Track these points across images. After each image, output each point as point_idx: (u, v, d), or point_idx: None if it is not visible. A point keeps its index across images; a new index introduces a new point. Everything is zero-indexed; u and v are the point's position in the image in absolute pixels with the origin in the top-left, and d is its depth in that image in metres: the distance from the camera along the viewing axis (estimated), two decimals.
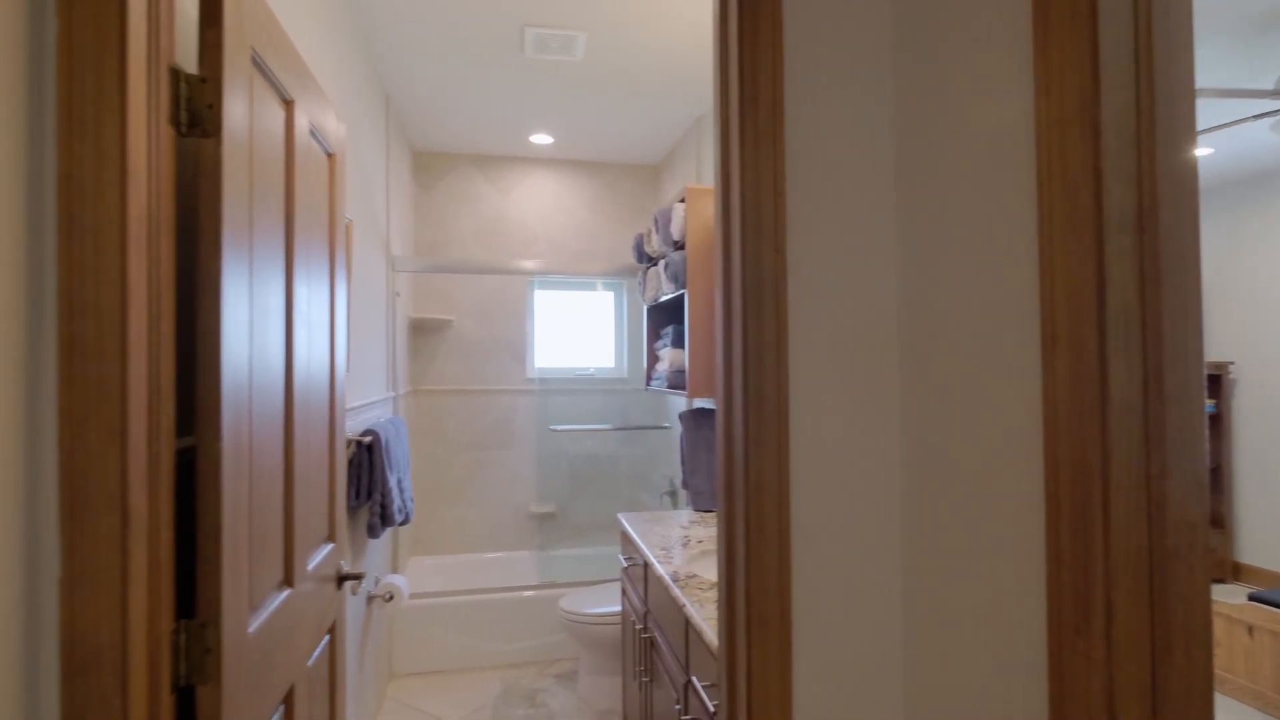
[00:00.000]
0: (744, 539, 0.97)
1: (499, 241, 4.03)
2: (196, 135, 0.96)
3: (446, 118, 3.43)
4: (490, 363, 3.97)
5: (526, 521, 3.98)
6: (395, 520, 2.33)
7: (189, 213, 1.07)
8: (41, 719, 0.78)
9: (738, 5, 1.00)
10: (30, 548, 0.77)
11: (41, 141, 0.79)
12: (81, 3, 0.79)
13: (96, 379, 0.80)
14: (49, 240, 0.79)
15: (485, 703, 2.86)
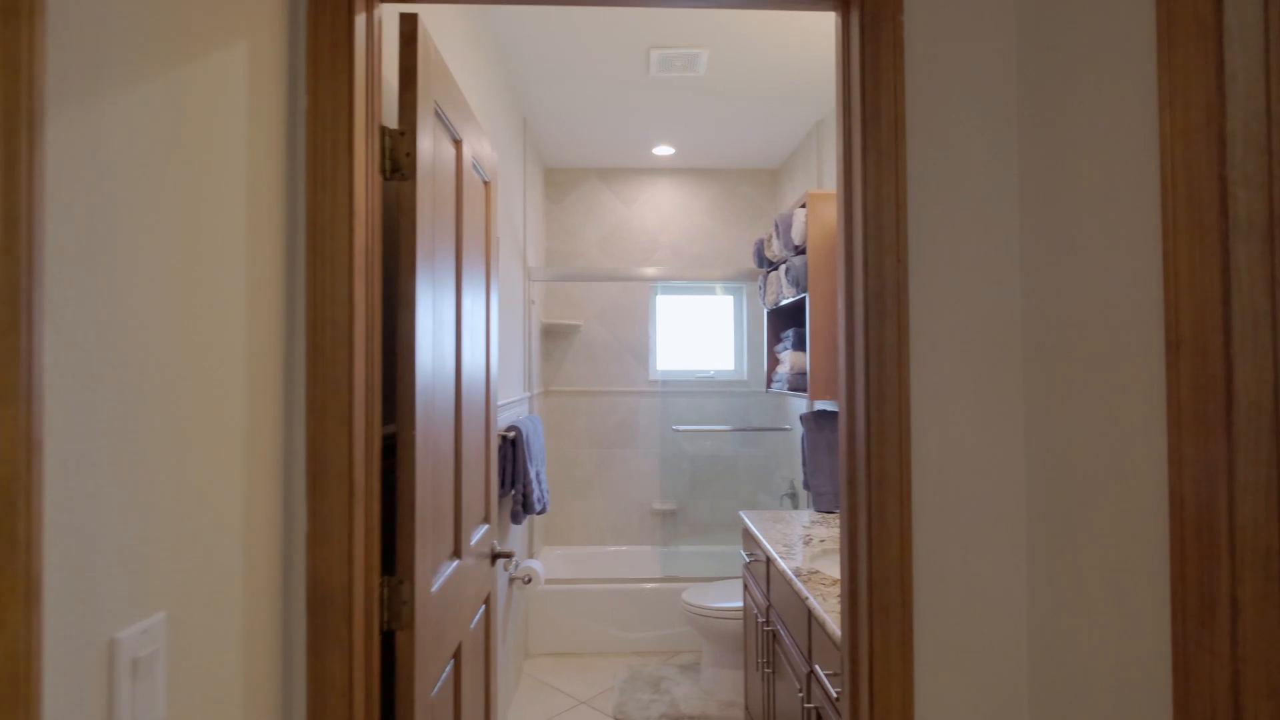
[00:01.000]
0: (866, 530, 1.04)
1: (623, 249, 4.23)
2: (397, 179, 1.16)
3: (576, 136, 3.66)
4: (615, 365, 4.17)
5: (649, 518, 4.14)
6: (535, 509, 2.55)
7: (388, 240, 1.29)
8: (293, 643, 1.00)
9: (859, 33, 1.07)
10: (285, 510, 0.99)
11: (295, 191, 1.01)
12: (324, 82, 1.01)
13: (332, 379, 1.01)
14: (299, 269, 1.01)
15: (612, 685, 3.04)
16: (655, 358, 4.23)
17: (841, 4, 1.13)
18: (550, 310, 4.19)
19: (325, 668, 1.00)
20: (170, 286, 0.73)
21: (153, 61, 0.70)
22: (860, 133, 1.05)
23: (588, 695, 2.96)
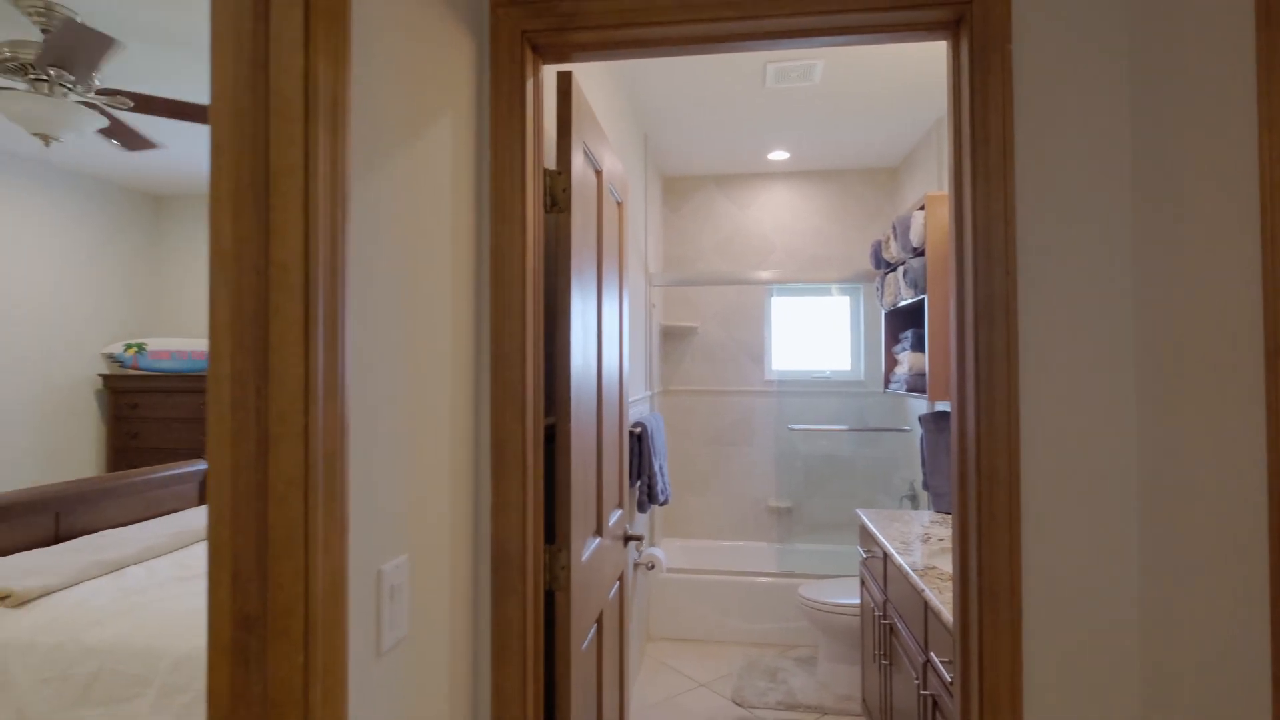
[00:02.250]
0: (975, 521, 1.13)
1: (738, 253, 4.35)
2: (555, 211, 1.38)
3: (693, 146, 3.83)
4: (731, 365, 4.30)
5: (764, 515, 4.24)
6: (659, 499, 2.74)
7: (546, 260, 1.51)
8: (481, 591, 1.24)
9: (969, 60, 1.16)
10: (475, 487, 1.23)
11: (482, 226, 1.25)
12: (503, 136, 1.23)
13: (510, 381, 1.23)
14: (485, 289, 1.24)
15: (730, 671, 3.19)
16: (771, 358, 4.32)
17: (952, 33, 1.22)
18: (669, 313, 4.39)
19: (506, 613, 1.23)
20: (409, 309, 0.97)
21: (400, 138, 0.94)
22: (970, 154, 1.15)
23: (706, 679, 3.12)
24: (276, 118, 0.74)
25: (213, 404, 0.74)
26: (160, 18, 2.43)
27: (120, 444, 4.52)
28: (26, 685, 1.95)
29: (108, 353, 4.59)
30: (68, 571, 2.31)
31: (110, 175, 4.46)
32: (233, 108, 0.75)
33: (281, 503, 0.73)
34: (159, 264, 4.99)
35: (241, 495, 0.74)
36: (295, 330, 0.74)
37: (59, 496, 2.79)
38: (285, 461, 0.74)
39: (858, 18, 1.18)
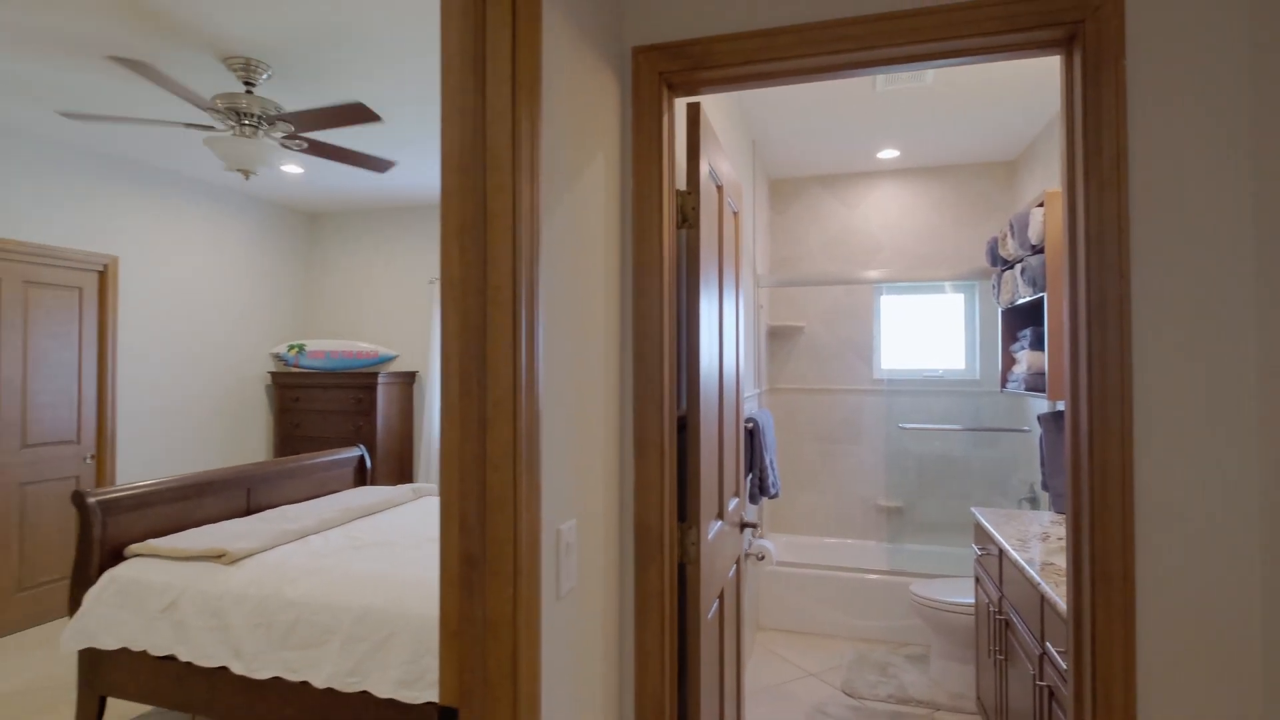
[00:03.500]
0: (1088, 509, 1.19)
1: (845, 252, 4.37)
2: (685, 228, 1.56)
3: (800, 150, 3.91)
4: (838, 364, 4.33)
5: (872, 513, 4.24)
6: (770, 492, 2.87)
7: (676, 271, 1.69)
8: (625, 560, 1.43)
9: (1082, 73, 1.22)
10: (621, 469, 1.42)
11: (624, 242, 1.44)
12: (642, 165, 1.42)
13: (649, 377, 1.42)
14: (629, 299, 1.44)
15: (839, 663, 3.25)
16: (879, 357, 4.31)
17: (1065, 49, 1.29)
18: (775, 313, 4.47)
19: (647, 579, 1.41)
20: (575, 318, 1.18)
21: (569, 176, 1.14)
22: (1083, 163, 1.21)
23: (815, 669, 3.20)
24: (491, 171, 0.96)
25: (445, 394, 0.97)
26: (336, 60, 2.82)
27: (285, 432, 5.15)
28: (241, 628, 2.36)
29: (274, 352, 5.25)
30: (265, 538, 2.74)
31: (273, 196, 5.10)
32: (458, 164, 0.97)
33: (497, 469, 0.95)
34: (313, 273, 5.63)
35: (467, 463, 0.96)
36: (506, 337, 0.95)
37: (250, 475, 3.28)
38: (499, 438, 0.95)
39: (970, 42, 1.27)
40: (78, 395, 3.99)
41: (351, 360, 5.12)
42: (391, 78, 2.93)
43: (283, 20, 2.45)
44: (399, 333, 5.40)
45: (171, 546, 2.63)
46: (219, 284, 4.81)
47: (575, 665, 1.17)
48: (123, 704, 2.88)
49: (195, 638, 2.40)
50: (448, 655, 0.96)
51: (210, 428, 4.75)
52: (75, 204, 3.92)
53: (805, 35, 1.33)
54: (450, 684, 0.96)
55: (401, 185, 4.74)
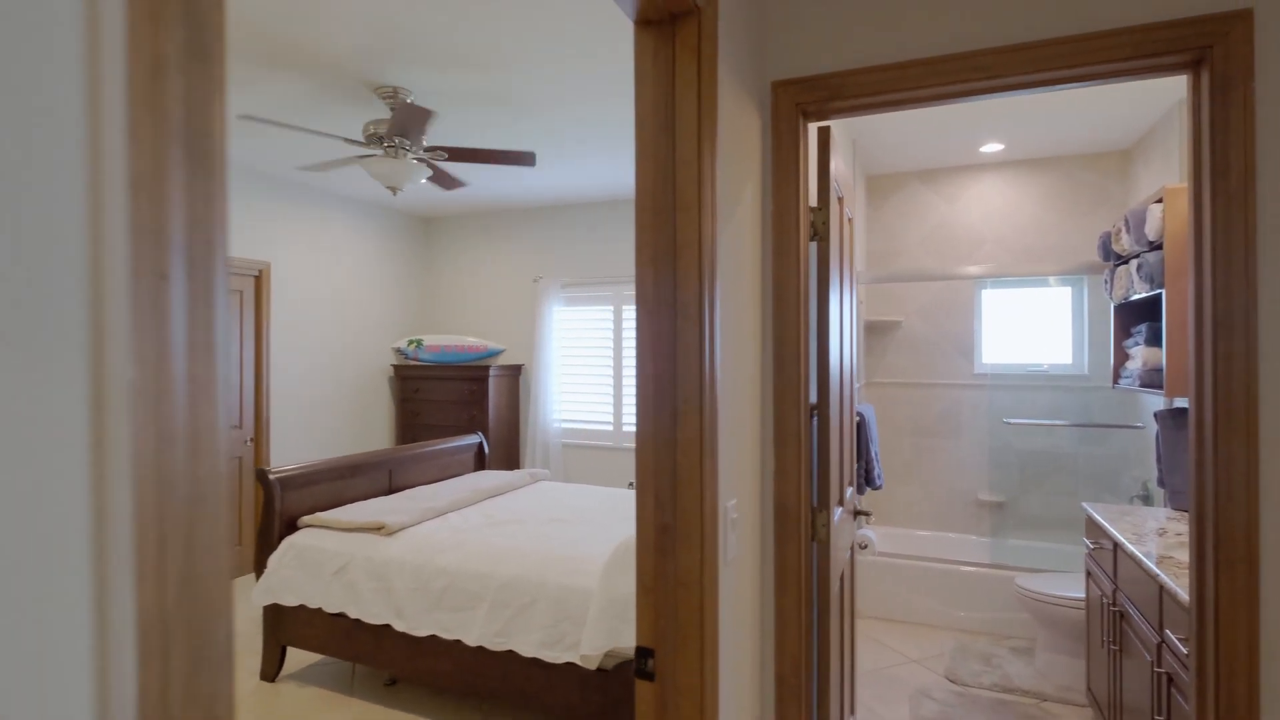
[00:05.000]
0: (1213, 499, 1.29)
1: (945, 247, 4.37)
2: (815, 240, 1.72)
3: (899, 146, 3.95)
4: (937, 358, 4.35)
5: (972, 508, 4.25)
6: (875, 484, 2.98)
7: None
8: (766, 537, 1.62)
9: (1209, 94, 1.31)
10: (763, 455, 1.61)
11: (765, 255, 1.62)
12: (781, 186, 1.60)
13: (787, 375, 1.60)
14: (768, 306, 1.62)
15: (941, 652, 3.33)
16: (980, 351, 4.30)
17: (1192, 70, 1.37)
18: (871, 308, 4.53)
19: (785, 554, 1.60)
20: (734, 325, 1.37)
21: (730, 204, 1.33)
22: (1210, 181, 1.30)
23: (917, 656, 3.30)
24: (680, 211, 1.16)
25: (640, 392, 1.19)
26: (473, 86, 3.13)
27: (406, 421, 5.63)
28: (402, 592, 2.70)
29: (396, 347, 5.73)
30: (414, 513, 3.10)
31: (394, 204, 5.55)
32: (652, 205, 1.18)
33: (686, 454, 1.16)
34: (429, 273, 6.08)
35: (661, 448, 1.17)
36: (694, 344, 1.16)
37: (392, 458, 3.67)
38: (688, 428, 1.16)
39: (1098, 68, 1.38)
40: (239, 386, 4.54)
41: (464, 354, 5.52)
42: (517, 102, 3.21)
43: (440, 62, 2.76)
44: (506, 328, 5.78)
45: (338, 519, 3.02)
46: (350, 284, 5.31)
47: (734, 621, 1.38)
48: (300, 653, 3.32)
49: (363, 598, 2.77)
50: (644, 606, 1.18)
51: (343, 415, 5.26)
52: (238, 215, 4.45)
53: (937, 67, 1.47)
54: (647, 629, 1.18)
55: (508, 192, 5.07)
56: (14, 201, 0.29)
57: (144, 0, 0.32)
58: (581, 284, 5.43)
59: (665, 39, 1.17)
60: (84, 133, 0.30)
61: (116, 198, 0.31)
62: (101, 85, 0.31)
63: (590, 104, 3.30)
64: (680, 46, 1.17)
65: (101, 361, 0.31)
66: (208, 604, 0.35)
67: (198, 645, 0.35)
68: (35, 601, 0.30)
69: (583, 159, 4.24)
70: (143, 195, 0.32)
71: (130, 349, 0.32)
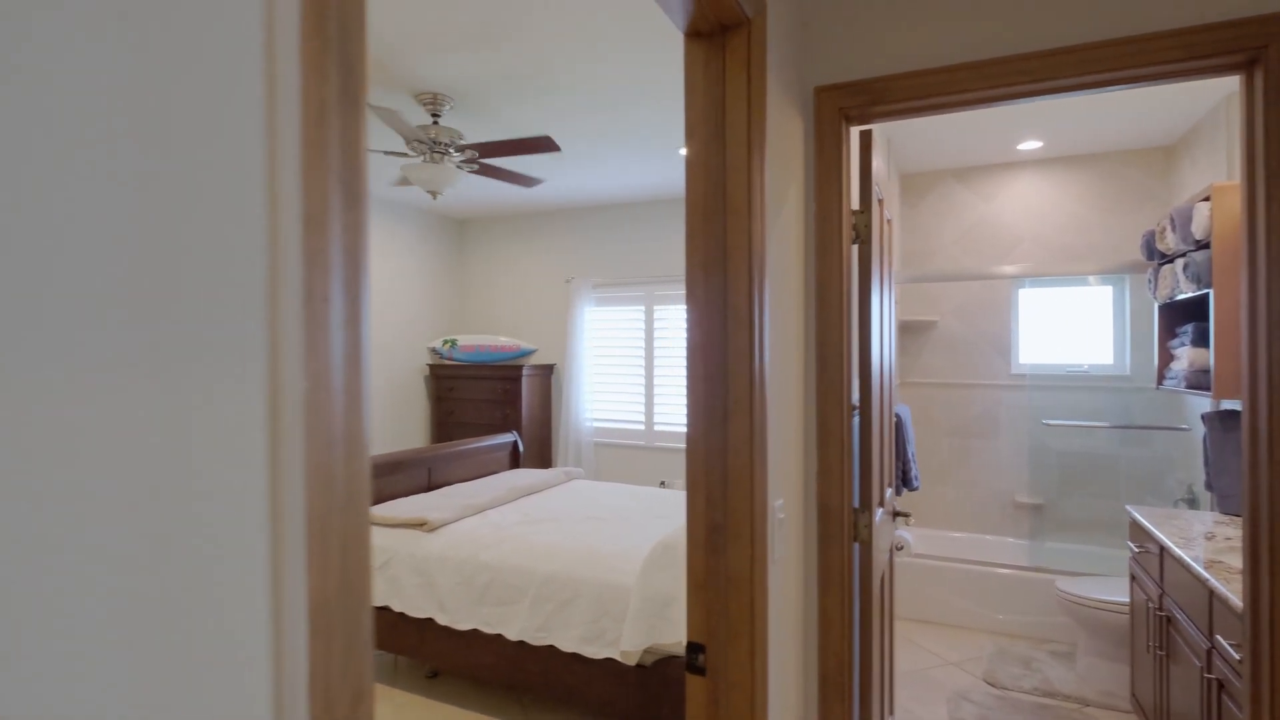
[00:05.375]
0: (1268, 503, 1.28)
1: (981, 246, 4.32)
2: (857, 244, 1.74)
3: (934, 144, 3.92)
4: (973, 358, 4.30)
5: (1010, 509, 4.20)
6: (912, 485, 2.98)
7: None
8: (810, 534, 1.64)
9: (1264, 94, 1.30)
10: (805, 456, 1.63)
11: (808, 259, 1.64)
12: (823, 191, 1.62)
13: (829, 377, 1.62)
14: (811, 307, 1.64)
15: (979, 655, 3.31)
16: (1018, 351, 4.24)
17: (1245, 69, 1.35)
18: (906, 307, 4.50)
19: (829, 554, 1.62)
20: (781, 327, 1.40)
21: (776, 208, 1.36)
22: (1265, 182, 1.29)
23: (955, 659, 3.28)
24: (730, 215, 1.19)
25: (691, 392, 1.22)
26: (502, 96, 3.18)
27: (441, 419, 5.73)
28: (445, 587, 2.77)
29: (431, 346, 5.84)
30: (454, 510, 3.17)
31: (430, 206, 5.65)
32: (703, 210, 1.21)
33: (735, 454, 1.19)
34: (462, 273, 6.18)
35: (712, 449, 1.20)
36: (744, 347, 1.18)
37: (430, 456, 3.75)
38: (738, 428, 1.19)
39: (1146, 70, 1.37)
40: None
41: (497, 354, 5.61)
42: (550, 107, 3.26)
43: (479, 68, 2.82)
44: (538, 328, 5.85)
45: (381, 514, 3.10)
46: (388, 286, 5.43)
47: (781, 619, 1.40)
48: None
49: (406, 592, 2.85)
50: (695, 602, 1.21)
51: (381, 414, 5.38)
52: None
53: (983, 71, 1.47)
54: (698, 625, 1.21)
55: (540, 194, 5.14)
56: (210, 238, 0.34)
57: (311, 53, 0.36)
58: (613, 284, 5.48)
59: (715, 50, 1.20)
60: (264, 175, 0.35)
61: (291, 232, 0.35)
62: (278, 132, 0.35)
63: (622, 107, 3.33)
64: (730, 57, 1.19)
65: (279, 376, 0.35)
66: (359, 592, 0.39)
67: (351, 629, 0.39)
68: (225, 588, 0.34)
69: (613, 161, 4.28)
70: (312, 229, 0.36)
71: (302, 365, 0.36)
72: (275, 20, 0.35)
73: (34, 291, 0.31)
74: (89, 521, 0.32)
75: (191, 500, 0.33)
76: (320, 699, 0.36)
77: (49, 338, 0.31)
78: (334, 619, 0.38)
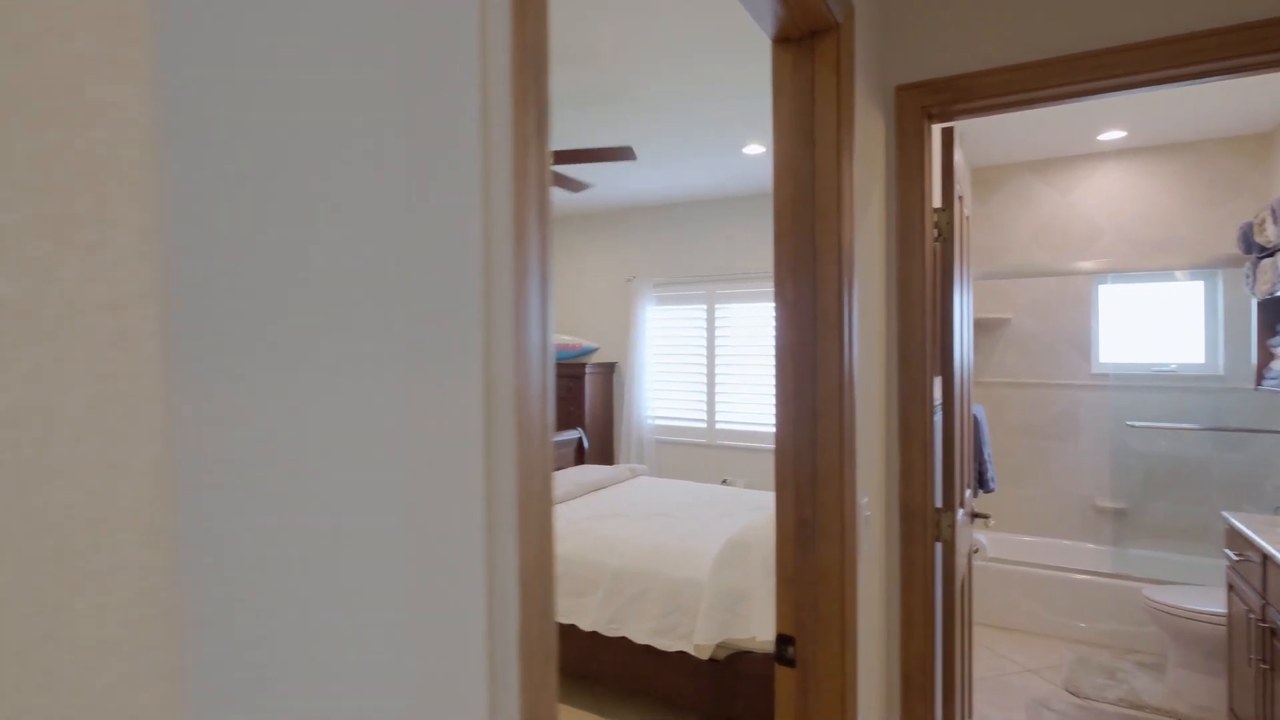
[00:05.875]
0: None
1: (1058, 240, 4.17)
2: (939, 241, 1.73)
3: (1007, 136, 3.80)
4: (1050, 357, 4.16)
5: (1090, 514, 4.04)
6: (988, 487, 2.91)
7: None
8: (891, 533, 1.64)
9: None
10: (888, 456, 1.64)
11: (891, 258, 1.64)
12: (905, 189, 1.61)
13: (912, 376, 1.62)
14: (893, 306, 1.64)
15: (1058, 663, 3.20)
16: (1098, 349, 4.08)
17: None
18: (977, 304, 4.38)
19: (911, 553, 1.62)
20: (866, 326, 1.41)
21: (861, 206, 1.37)
22: None
23: (1033, 666, 3.19)
24: (819, 219, 1.22)
25: (780, 392, 1.25)
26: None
27: None
28: None
29: None
30: None
31: None
32: (791, 213, 1.24)
33: (825, 452, 1.21)
34: None
35: (801, 447, 1.23)
36: (834, 347, 1.21)
37: None
38: (827, 427, 1.21)
39: (1225, 64, 1.32)
40: None
41: (560, 352, 5.72)
42: (615, 111, 3.32)
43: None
44: (600, 326, 5.94)
45: None
46: None
47: (866, 615, 1.41)
48: None
49: None
50: (784, 596, 1.24)
51: None
52: None
53: (1073, 64, 1.45)
54: (787, 618, 1.24)
55: (602, 194, 5.22)
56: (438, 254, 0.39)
57: (519, 93, 0.42)
58: (674, 283, 5.51)
59: (804, 55, 1.23)
60: (481, 198, 0.40)
61: (504, 245, 0.41)
62: (492, 161, 0.40)
63: (686, 108, 3.37)
64: (819, 61, 1.22)
65: (493, 374, 0.40)
66: (548, 563, 0.45)
67: (543, 596, 0.44)
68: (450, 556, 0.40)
69: (675, 161, 4.32)
70: (519, 244, 0.41)
71: (511, 363, 0.41)
72: (490, 68, 0.40)
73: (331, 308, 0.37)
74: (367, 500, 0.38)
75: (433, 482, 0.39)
76: (525, 655, 0.42)
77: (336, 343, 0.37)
78: (532, 586, 0.43)
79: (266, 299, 0.30)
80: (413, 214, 0.37)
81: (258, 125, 0.29)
